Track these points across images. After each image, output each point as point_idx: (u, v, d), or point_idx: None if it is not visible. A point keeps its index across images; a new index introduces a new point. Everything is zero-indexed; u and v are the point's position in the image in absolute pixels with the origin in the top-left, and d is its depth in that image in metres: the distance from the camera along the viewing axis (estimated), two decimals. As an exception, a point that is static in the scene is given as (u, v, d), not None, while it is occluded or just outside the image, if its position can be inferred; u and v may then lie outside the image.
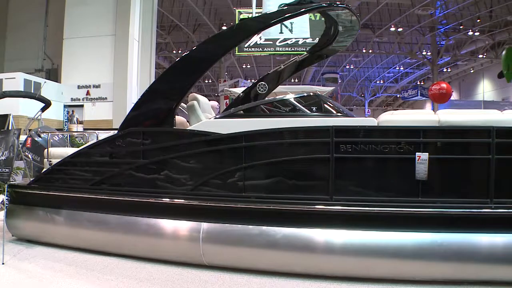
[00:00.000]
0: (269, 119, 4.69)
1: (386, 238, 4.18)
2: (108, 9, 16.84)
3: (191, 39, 33.80)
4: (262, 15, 6.37)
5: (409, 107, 50.63)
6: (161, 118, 4.89)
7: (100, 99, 16.85)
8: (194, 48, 5.28)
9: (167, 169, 4.76)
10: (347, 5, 5.30)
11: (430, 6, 29.19)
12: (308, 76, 47.74)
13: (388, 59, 44.48)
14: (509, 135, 4.23)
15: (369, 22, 32.66)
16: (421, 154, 4.17)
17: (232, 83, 28.51)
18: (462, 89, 49.39)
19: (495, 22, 32.24)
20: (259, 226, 4.38)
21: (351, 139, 4.35)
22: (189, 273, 4.41)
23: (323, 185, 4.35)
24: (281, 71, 6.46)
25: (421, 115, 4.56)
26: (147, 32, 18.21)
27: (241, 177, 4.51)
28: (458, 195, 4.25)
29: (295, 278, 4.26)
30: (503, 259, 4.06)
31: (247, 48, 21.64)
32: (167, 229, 4.67)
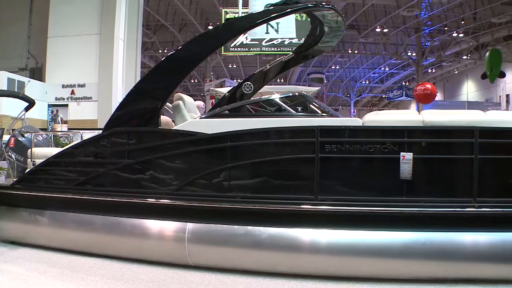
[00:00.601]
0: (255, 119, 4.70)
1: (371, 237, 4.20)
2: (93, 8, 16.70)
3: (177, 38, 33.71)
4: (248, 15, 6.37)
5: (394, 107, 51.02)
6: (146, 118, 4.87)
7: (85, 98, 16.71)
8: (179, 47, 5.27)
9: (152, 169, 4.74)
10: (333, 6, 5.32)
11: (415, 8, 29.46)
12: (294, 76, 47.87)
13: (373, 60, 44.77)
14: (492, 135, 4.30)
15: (355, 22, 32.86)
16: (405, 154, 4.21)
17: (218, 83, 28.47)
18: (446, 90, 49.88)
19: (479, 24, 32.65)
20: (244, 226, 4.38)
21: (336, 139, 4.37)
22: (174, 273, 4.39)
23: (308, 185, 4.36)
24: (266, 71, 6.47)
25: (405, 115, 4.60)
26: (133, 31, 18.10)
27: (227, 177, 4.51)
28: (442, 195, 4.30)
29: (281, 278, 4.26)
30: (486, 257, 4.12)
31: (233, 48, 21.62)
32: (152, 229, 4.65)
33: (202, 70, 39.40)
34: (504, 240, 4.12)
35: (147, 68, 33.06)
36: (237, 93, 6.29)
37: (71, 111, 16.84)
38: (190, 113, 5.32)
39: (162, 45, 35.79)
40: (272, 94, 5.29)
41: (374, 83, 55.01)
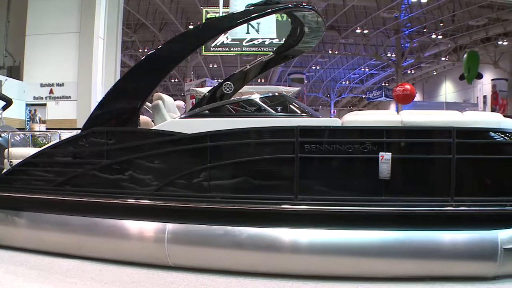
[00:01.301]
0: (235, 119, 4.69)
1: (350, 236, 4.24)
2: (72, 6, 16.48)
3: (158, 37, 33.47)
4: (228, 14, 6.38)
5: (374, 107, 51.52)
6: (125, 118, 4.82)
7: (63, 97, 16.46)
8: (159, 47, 5.23)
9: (132, 169, 4.70)
10: (313, 7, 5.34)
11: (395, 9, 29.73)
12: (275, 77, 47.94)
13: (353, 61, 45.08)
14: (469, 136, 4.38)
15: (336, 23, 33.04)
16: (384, 154, 4.25)
17: (199, 82, 28.40)
18: (425, 91, 50.52)
19: (457, 26, 33.15)
20: (224, 226, 4.37)
21: (316, 139, 4.39)
22: (154, 274, 4.36)
23: (288, 185, 4.37)
24: (247, 71, 6.46)
25: (384, 116, 4.64)
26: (113, 30, 17.90)
27: (206, 177, 4.50)
28: (421, 194, 4.36)
29: (261, 277, 4.26)
30: (464, 255, 4.20)
31: (214, 47, 21.54)
32: (132, 230, 4.61)
33: (183, 70, 39.19)
34: (481, 238, 4.20)
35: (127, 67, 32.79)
36: (217, 93, 6.27)
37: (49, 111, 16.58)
38: (169, 113, 5.29)
39: (142, 44, 35.52)
40: (252, 94, 5.29)
41: (354, 84, 55.42)
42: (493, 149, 4.47)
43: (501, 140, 4.46)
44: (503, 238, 4.17)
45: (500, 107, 36.40)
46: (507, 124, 4.52)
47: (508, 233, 4.22)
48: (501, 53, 37.67)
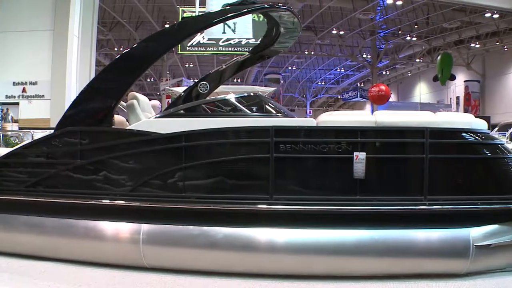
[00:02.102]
0: (210, 118, 4.67)
1: (326, 235, 4.27)
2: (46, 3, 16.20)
3: (133, 36, 33.17)
4: (204, 14, 6.38)
5: (350, 108, 52.06)
6: (99, 117, 4.75)
7: (37, 96, 16.18)
8: (134, 45, 5.18)
9: (106, 169, 4.64)
10: (289, 7, 5.37)
11: (370, 11, 30.10)
12: (251, 77, 48.02)
13: (329, 61, 45.47)
14: (441, 136, 4.46)
15: (312, 24, 33.25)
16: (358, 154, 4.29)
17: (175, 82, 28.20)
18: (400, 91, 51.27)
19: (431, 29, 33.76)
20: (199, 226, 4.35)
21: (291, 139, 4.41)
22: (130, 276, 4.30)
23: (263, 185, 4.38)
24: (222, 71, 6.44)
25: (358, 116, 4.69)
26: (88, 28, 17.66)
27: (181, 177, 4.47)
28: (395, 193, 4.42)
29: (237, 277, 4.25)
30: (437, 252, 4.28)
31: (190, 47, 21.47)
32: (106, 231, 4.53)
33: (159, 69, 38.94)
34: (453, 236, 4.29)
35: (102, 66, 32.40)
36: (192, 92, 6.23)
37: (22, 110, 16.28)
38: (144, 113, 5.25)
39: (118, 43, 35.19)
40: (228, 94, 5.29)
41: (330, 84, 55.86)
42: (464, 149, 4.56)
43: (473, 140, 4.55)
44: (474, 236, 4.27)
45: (472, 108, 37.19)
46: (478, 125, 4.63)
47: (479, 231, 4.32)
48: (474, 56, 38.52)
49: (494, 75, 37.47)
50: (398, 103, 42.71)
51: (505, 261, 4.45)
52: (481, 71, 39.03)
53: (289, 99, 59.11)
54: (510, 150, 4.76)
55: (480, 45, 35.54)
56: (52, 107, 15.89)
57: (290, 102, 59.76)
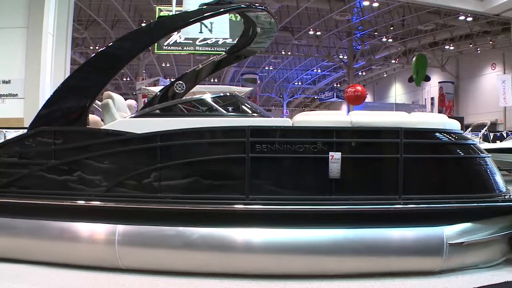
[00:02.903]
0: (185, 118, 4.66)
1: (302, 235, 4.29)
2: None
3: (109, 35, 32.80)
4: (181, 13, 6.34)
5: (326, 108, 52.41)
6: (74, 117, 4.69)
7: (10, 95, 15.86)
8: (110, 44, 5.13)
9: (80, 170, 4.57)
10: (266, 7, 5.37)
11: (347, 12, 30.36)
12: (228, 76, 47.93)
13: (306, 62, 45.68)
14: (415, 136, 4.53)
15: (289, 25, 33.36)
16: (334, 154, 4.33)
17: (152, 81, 28.02)
18: (376, 92, 51.84)
19: (406, 30, 34.24)
20: (175, 227, 4.33)
21: (266, 139, 4.43)
22: (105, 277, 4.24)
23: (239, 185, 4.38)
24: (199, 70, 6.41)
25: (334, 116, 4.74)
26: (63, 26, 17.37)
27: (157, 177, 4.44)
28: (370, 192, 4.48)
29: (214, 278, 4.24)
30: (411, 251, 4.35)
31: (167, 46, 21.35)
32: (81, 232, 4.46)
33: (135, 68, 38.60)
34: (428, 234, 4.37)
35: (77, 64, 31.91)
36: (168, 92, 6.19)
37: (-6, 109, 15.98)
38: (120, 112, 5.19)
39: (93, 41, 34.75)
40: (205, 93, 5.27)
41: (306, 84, 56.15)
42: (438, 149, 4.64)
43: (446, 140, 4.64)
44: (448, 234, 4.35)
45: (446, 109, 37.82)
46: (451, 125, 4.72)
47: (453, 229, 4.40)
48: (448, 57, 39.20)
49: (468, 77, 38.18)
50: (374, 104, 43.17)
51: (477, 258, 4.55)
52: (455, 72, 39.73)
53: (266, 99, 59.22)
54: (482, 150, 4.87)
55: (454, 47, 36.18)
56: (25, 106, 15.59)
57: (267, 102, 59.88)
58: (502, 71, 33.30)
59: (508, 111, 30.48)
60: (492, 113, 32.27)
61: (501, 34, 31.16)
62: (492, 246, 4.58)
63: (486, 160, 4.77)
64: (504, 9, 24.01)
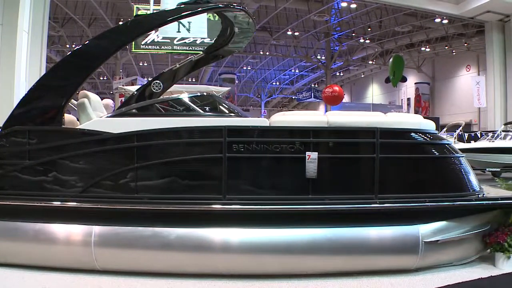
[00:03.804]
0: (162, 118, 4.64)
1: (279, 234, 4.31)
2: (-6, -4, 15.64)
3: (86, 33, 32.39)
4: (158, 12, 6.29)
5: (304, 108, 52.63)
6: (49, 116, 4.61)
7: (-17, 94, 15.61)
8: (86, 42, 5.07)
9: (56, 170, 4.50)
10: (244, 8, 5.37)
11: (325, 13, 30.52)
12: (206, 76, 47.78)
13: (284, 62, 45.81)
14: (391, 136, 4.59)
15: (267, 25, 33.39)
16: (310, 153, 4.35)
17: (129, 80, 27.78)
18: (353, 92, 52.28)
19: (384, 32, 34.59)
20: (152, 227, 4.30)
21: (243, 138, 4.44)
22: (81, 279, 4.20)
23: (217, 185, 4.38)
24: (176, 70, 6.38)
25: (311, 116, 4.78)
26: (39, 23, 17.13)
27: (133, 177, 4.41)
28: (346, 192, 4.52)
29: (191, 278, 4.24)
30: (388, 249, 4.42)
31: (144, 45, 21.21)
32: (56, 234, 4.39)
33: (112, 67, 38.16)
34: (403, 233, 4.44)
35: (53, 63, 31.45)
36: (146, 91, 6.15)
37: (-34, 108, 15.65)
38: (96, 112, 5.12)
39: (70, 39, 34.27)
40: (182, 93, 5.25)
41: (284, 85, 56.32)
42: (413, 149, 4.71)
43: (421, 140, 4.71)
44: (423, 233, 4.43)
45: (422, 109, 38.34)
46: (426, 125, 4.80)
47: (428, 228, 4.49)
48: (424, 59, 39.77)
49: (443, 78, 38.78)
50: (351, 104, 43.51)
51: (452, 256, 4.66)
52: (431, 73, 40.31)
53: (244, 99, 59.24)
54: (457, 150, 4.95)
55: (430, 49, 36.71)
56: (-1, 105, 15.31)
57: (245, 102, 59.90)
58: (476, 73, 33.90)
59: (482, 112, 31.01)
60: (466, 114, 32.88)
61: (476, 37, 31.76)
62: (466, 244, 4.68)
63: (461, 159, 4.86)
64: (479, 12, 24.53)
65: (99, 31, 28.98)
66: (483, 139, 19.05)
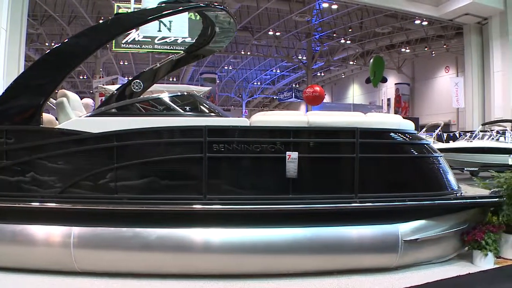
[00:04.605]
0: (142, 118, 4.61)
1: (260, 234, 4.32)
2: (-30, -7, 15.37)
3: (66, 31, 31.97)
4: (139, 10, 6.24)
5: (285, 108, 52.75)
6: (27, 115, 4.54)
7: (-41, 93, 15.33)
8: (66, 40, 5.01)
9: (34, 170, 4.43)
10: (225, 7, 5.36)
11: (307, 14, 30.64)
12: (187, 76, 47.56)
13: (265, 62, 45.88)
14: (371, 136, 4.64)
15: (249, 25, 33.40)
16: (291, 153, 4.37)
17: (110, 80, 27.52)
18: (334, 93, 52.58)
19: (364, 33, 34.89)
20: (132, 228, 4.27)
21: (224, 138, 4.44)
22: (60, 281, 4.15)
23: (197, 185, 4.37)
24: (157, 69, 6.34)
25: (291, 116, 4.79)
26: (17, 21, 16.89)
27: (113, 178, 4.36)
28: (326, 191, 4.55)
29: (172, 279, 4.23)
30: (368, 248, 4.47)
31: (125, 44, 21.04)
32: (35, 235, 4.32)
33: (92, 66, 37.75)
34: (383, 232, 4.49)
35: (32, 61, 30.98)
36: (126, 91, 6.09)
37: None
38: (75, 111, 5.05)
39: (49, 37, 33.80)
40: (162, 92, 5.22)
41: (265, 85, 56.41)
42: (393, 149, 4.76)
43: (400, 140, 4.76)
44: (403, 231, 4.50)
45: (402, 109, 38.72)
46: (405, 125, 4.85)
47: (407, 226, 4.55)
48: (404, 59, 40.18)
49: (423, 79, 39.22)
50: (332, 104, 43.75)
51: (431, 254, 4.73)
52: (410, 74, 40.75)
53: (225, 99, 59.16)
54: (435, 149, 5.02)
55: (410, 50, 37.12)
56: (-24, 104, 15.04)
57: (226, 102, 59.83)
58: (455, 74, 34.39)
59: (460, 112, 31.45)
60: (445, 114, 33.31)
61: (455, 39, 32.20)
62: (444, 242, 4.76)
63: (439, 159, 4.93)
64: (458, 15, 24.91)
65: (79, 29, 28.60)
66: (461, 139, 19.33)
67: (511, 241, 4.95)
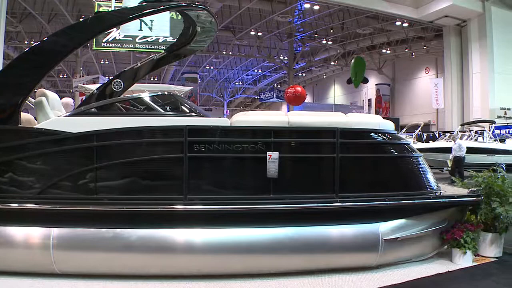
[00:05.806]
0: (122, 117, 4.57)
1: (241, 234, 4.33)
2: None
3: (46, 29, 31.54)
4: (119, 9, 6.20)
5: (267, 108, 52.81)
6: (5, 115, 4.46)
7: None
8: (45, 39, 4.94)
9: (12, 171, 4.35)
10: (206, 7, 5.35)
11: (289, 14, 30.72)
12: (168, 75, 47.31)
13: (247, 62, 45.88)
14: (351, 136, 4.68)
15: (231, 24, 33.37)
16: (271, 153, 4.37)
17: (91, 79, 27.20)
18: (315, 93, 52.81)
19: (346, 33, 35.14)
20: (112, 229, 4.23)
21: (204, 138, 4.43)
22: (40, 283, 4.11)
23: (178, 185, 4.36)
24: (137, 69, 6.29)
25: (272, 116, 4.80)
26: (-6, 18, 16.69)
27: (93, 178, 4.32)
28: (307, 191, 4.57)
29: (154, 280, 4.21)
30: (349, 247, 4.51)
31: (105, 43, 20.85)
32: (14, 237, 4.25)
33: (72, 65, 37.31)
34: (364, 231, 4.54)
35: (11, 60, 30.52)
36: (106, 90, 6.03)
37: None
38: (54, 111, 5.00)
39: (28, 35, 33.29)
40: (143, 92, 5.18)
41: (247, 85, 56.43)
42: (373, 149, 4.80)
43: (380, 140, 4.81)
44: (383, 230, 4.55)
45: (383, 110, 39.08)
46: (385, 126, 4.90)
47: (387, 225, 4.61)
48: (385, 60, 40.55)
49: (403, 80, 39.63)
50: (313, 104, 43.92)
51: (411, 252, 4.80)
52: (391, 75, 41.13)
53: (207, 99, 58.99)
54: (415, 149, 5.07)
55: (391, 51, 37.50)
56: (-48, 103, 14.76)
57: (208, 101, 59.66)
58: (435, 75, 34.84)
59: (440, 113, 31.89)
60: (425, 115, 33.73)
61: (434, 40, 32.66)
62: (424, 241, 4.83)
63: (419, 159, 4.99)
64: (437, 17, 25.32)
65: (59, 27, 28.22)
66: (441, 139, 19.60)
67: (489, 239, 5.05)
